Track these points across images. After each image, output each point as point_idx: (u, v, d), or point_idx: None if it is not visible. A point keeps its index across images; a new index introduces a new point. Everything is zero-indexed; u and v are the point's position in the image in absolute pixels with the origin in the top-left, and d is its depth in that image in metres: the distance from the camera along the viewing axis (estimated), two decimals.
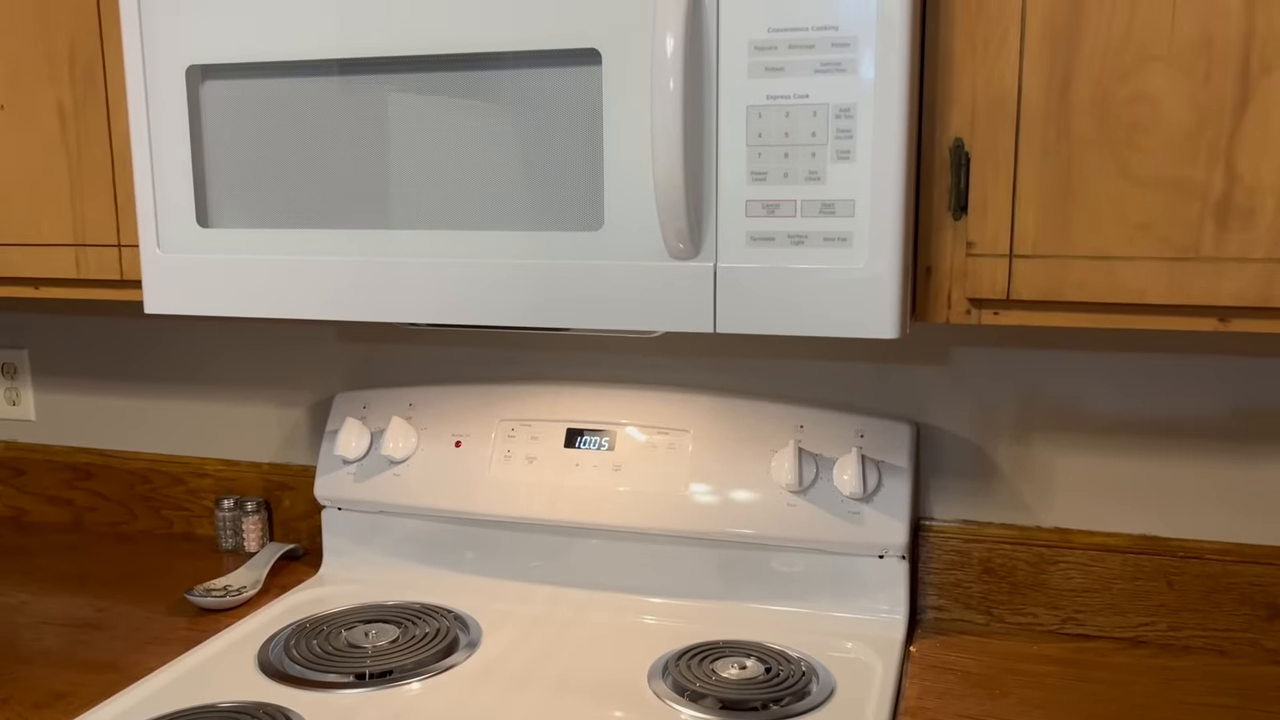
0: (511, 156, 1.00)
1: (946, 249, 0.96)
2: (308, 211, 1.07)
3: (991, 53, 0.91)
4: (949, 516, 1.30)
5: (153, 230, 1.11)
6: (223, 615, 1.33)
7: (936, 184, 0.95)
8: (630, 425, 1.33)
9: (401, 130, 1.02)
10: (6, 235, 1.24)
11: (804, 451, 1.25)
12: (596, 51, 0.95)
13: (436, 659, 1.19)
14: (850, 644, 1.21)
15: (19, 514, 1.72)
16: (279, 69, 1.05)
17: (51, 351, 1.67)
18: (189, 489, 1.61)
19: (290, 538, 1.56)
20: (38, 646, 1.25)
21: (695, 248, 0.95)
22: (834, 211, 0.91)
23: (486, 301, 1.02)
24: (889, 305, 0.91)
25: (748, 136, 0.93)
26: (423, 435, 1.39)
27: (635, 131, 0.95)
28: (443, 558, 1.41)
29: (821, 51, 0.90)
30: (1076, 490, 1.25)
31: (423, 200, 1.03)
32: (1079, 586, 1.25)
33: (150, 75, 1.08)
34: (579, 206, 0.99)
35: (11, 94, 1.21)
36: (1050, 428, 1.25)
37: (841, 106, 0.90)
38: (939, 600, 1.30)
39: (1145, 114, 0.88)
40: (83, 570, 1.49)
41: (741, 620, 1.27)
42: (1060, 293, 0.92)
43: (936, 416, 1.29)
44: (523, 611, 1.31)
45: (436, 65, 1.01)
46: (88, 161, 1.20)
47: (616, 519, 1.30)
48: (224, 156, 1.09)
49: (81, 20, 1.17)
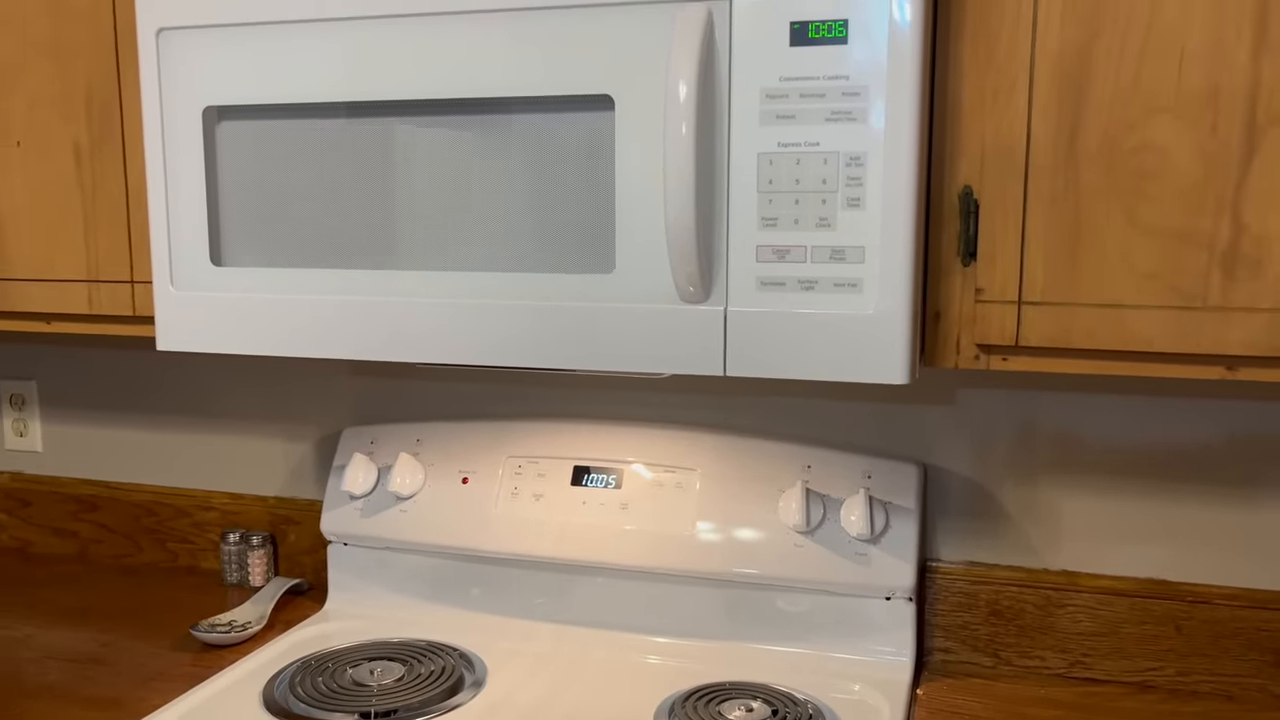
0: (524, 199, 1.01)
1: (955, 295, 0.96)
2: (321, 251, 1.08)
3: (1000, 103, 0.92)
4: (956, 558, 1.30)
5: (166, 268, 1.12)
6: (227, 651, 1.33)
7: (945, 230, 0.96)
8: (637, 463, 1.33)
9: (414, 172, 1.04)
10: (21, 270, 1.25)
11: (811, 492, 1.25)
12: (609, 97, 0.96)
13: (442, 698, 1.18)
14: (857, 686, 1.20)
15: (24, 545, 1.72)
16: (294, 110, 1.06)
17: (59, 383, 1.68)
18: (194, 522, 1.61)
19: (295, 572, 1.56)
20: (42, 681, 1.24)
21: (706, 291, 0.96)
22: (844, 258, 0.92)
23: (498, 342, 1.03)
24: (899, 351, 0.92)
25: (759, 183, 0.94)
26: (430, 471, 1.40)
27: (647, 176, 0.96)
28: (448, 594, 1.40)
29: (832, 100, 0.91)
30: (1084, 533, 1.25)
31: (435, 241, 1.04)
32: (1087, 630, 1.24)
33: (168, 116, 1.10)
34: (590, 249, 0.99)
35: (28, 131, 1.22)
36: (1057, 469, 1.25)
37: (852, 154, 0.91)
38: (946, 642, 1.30)
39: (1152, 164, 0.89)
40: (87, 603, 1.49)
41: (747, 661, 1.27)
42: (1068, 340, 0.93)
43: (943, 457, 1.29)
44: (528, 650, 1.31)
45: (450, 109, 1.02)
46: (102, 199, 1.21)
47: (623, 557, 1.30)
48: (238, 196, 1.10)
49: (99, 61, 1.19)
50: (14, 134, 1.23)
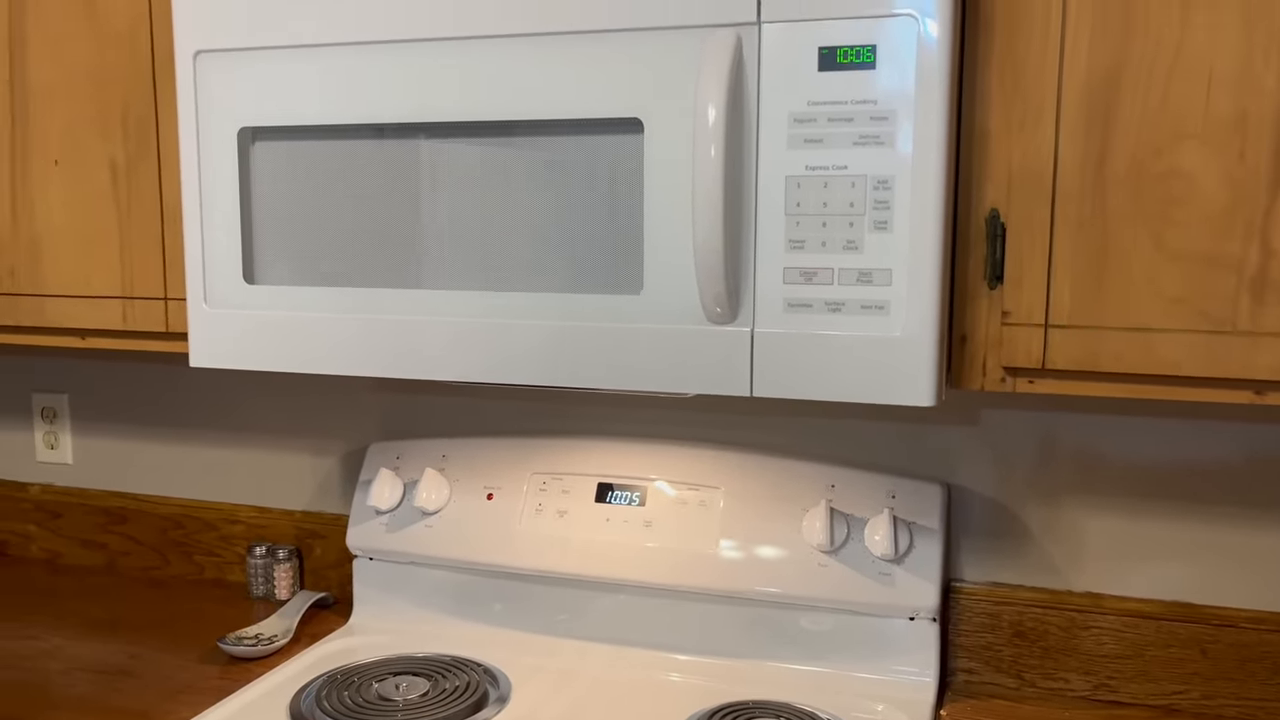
0: (552, 220, 1.02)
1: (982, 317, 0.97)
2: (352, 270, 1.09)
3: (1028, 128, 0.93)
4: (980, 578, 1.30)
5: (200, 285, 1.14)
6: (254, 664, 1.34)
7: (972, 253, 0.97)
8: (661, 481, 1.34)
9: (444, 192, 1.05)
10: (58, 286, 1.27)
11: (835, 511, 1.25)
12: (639, 120, 0.98)
13: (466, 714, 1.19)
14: (880, 706, 1.20)
15: (53, 556, 1.74)
16: (327, 132, 1.08)
17: (90, 397, 1.70)
18: (221, 535, 1.63)
19: (320, 586, 1.58)
20: (71, 693, 1.26)
21: (733, 313, 0.97)
22: (871, 280, 0.93)
23: (526, 362, 1.04)
24: (926, 373, 0.92)
25: (786, 205, 0.94)
26: (455, 487, 1.41)
27: (675, 198, 0.97)
28: (471, 609, 1.41)
29: (860, 125, 0.92)
30: (1108, 554, 1.25)
31: (464, 261, 1.05)
32: (1111, 652, 1.24)
33: (203, 136, 1.12)
34: (618, 270, 1.00)
35: (66, 150, 1.25)
36: (1081, 490, 1.25)
37: (880, 178, 0.92)
38: (969, 663, 1.29)
39: (1180, 189, 0.90)
40: (115, 615, 1.51)
41: (770, 680, 1.27)
42: (1095, 363, 0.93)
43: (967, 478, 1.30)
44: (551, 666, 1.32)
45: (480, 131, 1.03)
46: (137, 217, 1.23)
47: (646, 575, 1.31)
48: (271, 215, 1.11)
49: (137, 82, 1.21)
50: (52, 153, 1.25)
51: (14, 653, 1.37)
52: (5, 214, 1.28)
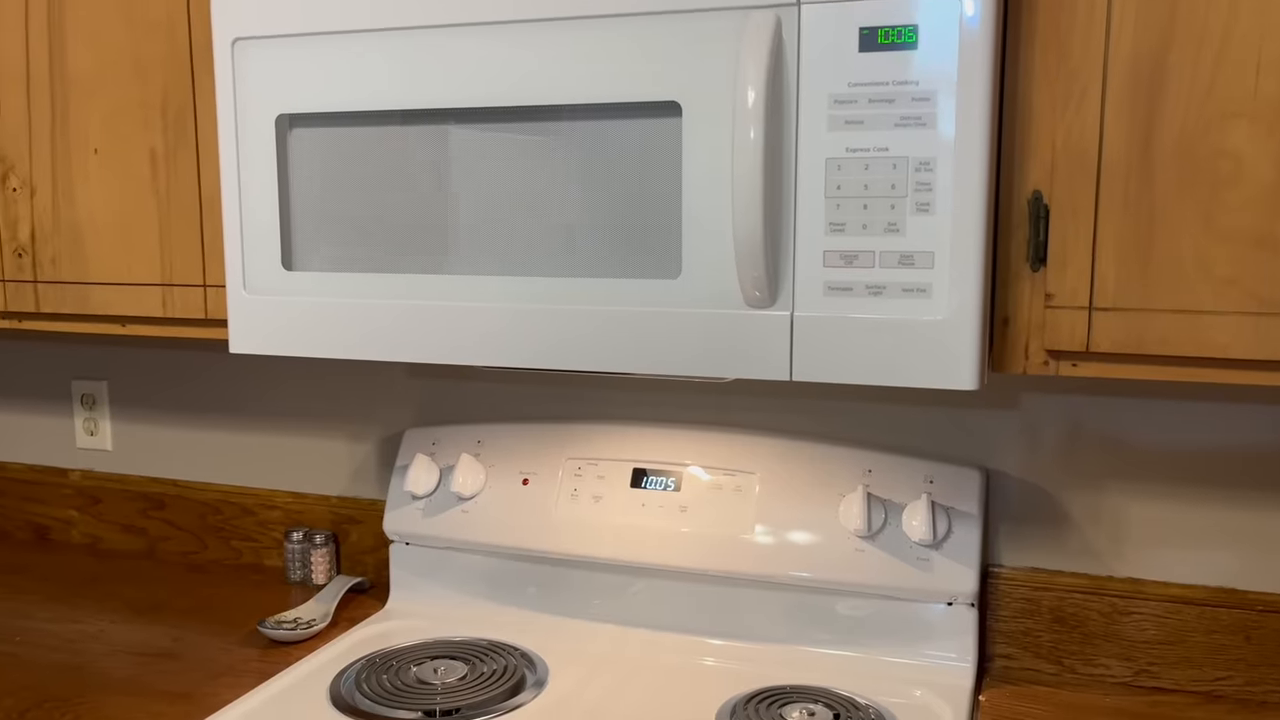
0: (590, 205, 1.02)
1: (1024, 300, 0.96)
2: (390, 256, 1.09)
3: (1073, 107, 0.91)
4: (1018, 564, 1.29)
5: (240, 272, 1.15)
6: (293, 648, 1.35)
7: (1014, 235, 0.96)
8: (696, 466, 1.34)
9: (481, 178, 1.05)
10: (99, 274, 1.29)
11: (873, 496, 1.25)
12: (677, 104, 0.97)
13: (504, 697, 1.20)
14: (918, 691, 1.20)
15: (95, 541, 1.76)
16: (365, 118, 1.08)
17: (129, 383, 1.72)
18: (259, 520, 1.65)
19: (357, 570, 1.59)
20: (117, 675, 1.28)
21: (772, 296, 0.97)
22: (913, 263, 0.92)
23: (564, 347, 1.04)
24: (968, 357, 0.91)
25: (826, 188, 0.94)
26: (491, 472, 1.41)
27: (713, 182, 0.97)
28: (507, 594, 1.42)
29: (901, 106, 0.91)
30: (1150, 540, 1.24)
31: (501, 246, 1.05)
32: (1153, 638, 1.23)
33: (241, 123, 1.12)
34: (656, 255, 1.00)
35: (106, 139, 1.26)
36: (1123, 475, 1.24)
37: (921, 160, 0.91)
38: (1008, 649, 1.29)
39: (1229, 169, 0.88)
40: (157, 599, 1.53)
41: (806, 665, 1.27)
42: (1141, 346, 0.92)
43: (1006, 462, 1.28)
44: (587, 650, 1.32)
45: (517, 116, 1.03)
46: (176, 205, 1.24)
47: (681, 560, 1.31)
48: (309, 202, 1.12)
49: (175, 70, 1.21)
50: (92, 142, 1.26)
51: (61, 636, 1.39)
52: (46, 203, 1.29)
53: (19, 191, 1.30)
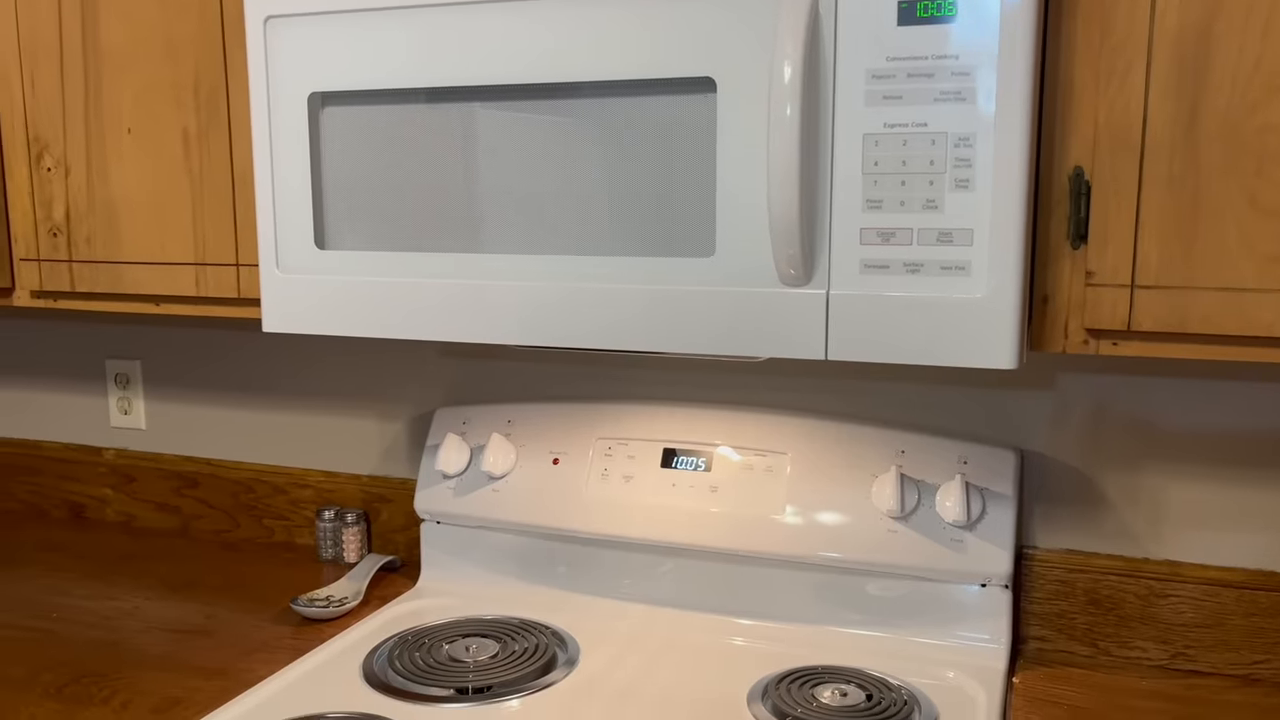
0: (622, 183, 1.01)
1: (1064, 278, 0.94)
2: (422, 235, 1.09)
3: (1115, 83, 0.90)
4: (1053, 545, 1.28)
5: (272, 251, 1.15)
6: (326, 625, 1.36)
7: (1054, 212, 0.94)
8: (727, 446, 1.33)
9: (513, 156, 1.04)
10: (133, 253, 1.29)
11: (906, 477, 1.24)
12: (711, 80, 0.96)
13: (536, 675, 1.20)
14: (951, 673, 1.19)
15: (129, 520, 1.78)
16: (396, 96, 1.08)
17: (161, 363, 1.73)
18: (291, 499, 1.66)
19: (388, 549, 1.60)
20: (153, 651, 1.29)
21: (807, 275, 0.96)
22: (952, 240, 0.91)
23: (598, 326, 1.03)
24: (1008, 335, 0.90)
25: (864, 164, 0.93)
26: (521, 452, 1.41)
27: (748, 159, 0.96)
28: (538, 573, 1.42)
29: (941, 80, 0.89)
30: (1188, 521, 1.22)
31: (533, 226, 1.05)
32: (1190, 621, 1.22)
33: (274, 102, 1.12)
34: (690, 233, 0.99)
35: (139, 119, 1.26)
36: (1161, 456, 1.23)
37: (961, 135, 0.89)
38: (1042, 630, 1.28)
39: (1276, 145, 0.86)
40: (190, 576, 1.54)
41: (837, 646, 1.27)
42: (1184, 325, 0.90)
43: (1041, 443, 1.27)
44: (618, 629, 1.32)
45: (550, 93, 1.02)
46: (209, 184, 1.25)
47: (712, 540, 1.31)
48: (342, 181, 1.12)
49: (207, 50, 1.21)
50: (125, 121, 1.27)
51: (97, 612, 1.41)
52: (81, 182, 1.30)
53: (53, 171, 1.31)
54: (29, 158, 1.32)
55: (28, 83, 1.31)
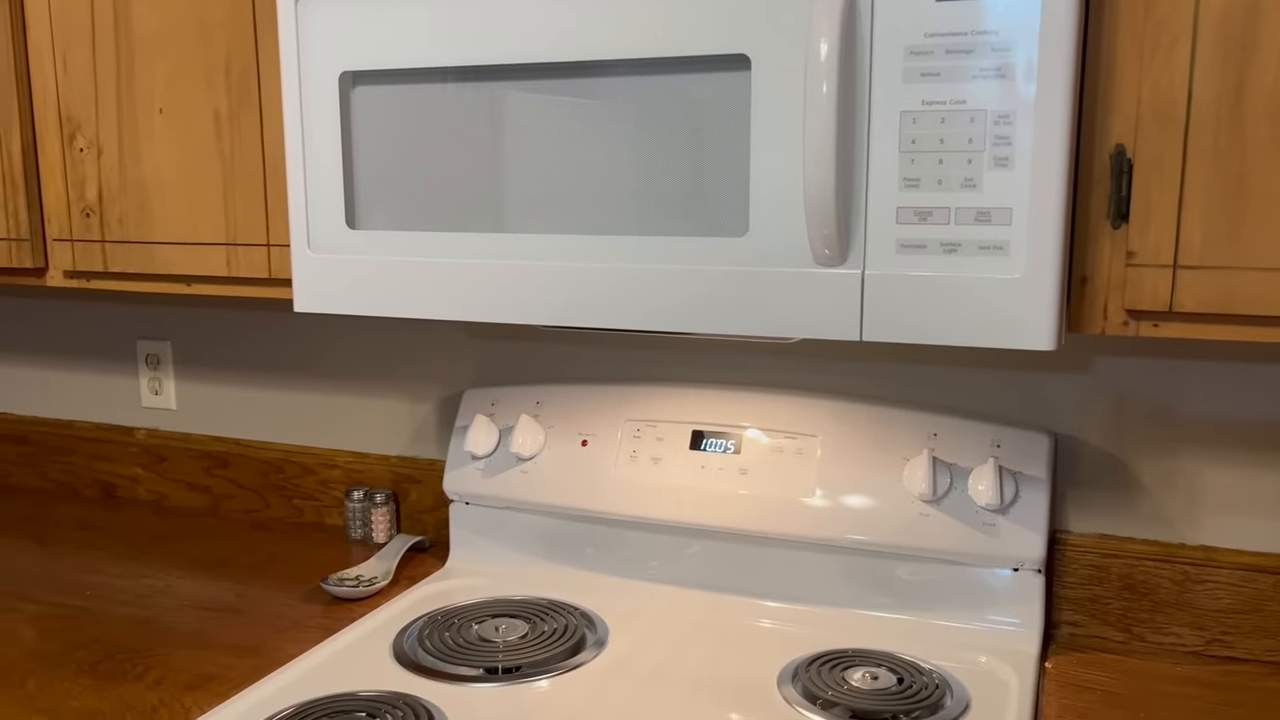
0: (653, 162, 1.00)
1: (1104, 258, 0.93)
2: (453, 215, 1.09)
3: (1160, 58, 0.88)
4: (1087, 530, 1.27)
5: (304, 231, 1.15)
6: (356, 604, 1.37)
7: (1094, 191, 0.93)
8: (756, 429, 1.33)
9: (545, 135, 1.04)
10: (164, 234, 1.30)
11: (938, 460, 1.23)
12: (746, 57, 0.95)
13: (565, 656, 1.20)
14: (983, 658, 1.19)
15: (160, 499, 1.80)
16: (427, 75, 1.07)
17: (192, 343, 1.74)
18: (320, 479, 1.66)
19: (416, 529, 1.60)
20: (186, 629, 1.30)
21: (842, 254, 0.95)
22: (990, 219, 0.90)
23: (629, 306, 1.03)
24: (1046, 316, 0.89)
25: (900, 142, 0.91)
26: (550, 433, 1.41)
27: (783, 137, 0.95)
28: (565, 554, 1.42)
29: (980, 57, 0.88)
30: (1224, 506, 1.21)
31: (565, 206, 1.04)
32: (1227, 607, 1.20)
33: (305, 82, 1.12)
34: (722, 212, 0.99)
35: (171, 100, 1.26)
36: (1198, 440, 1.21)
37: (1000, 113, 0.88)
38: (1074, 615, 1.27)
39: None
40: (221, 555, 1.55)
41: (867, 629, 1.26)
42: (1229, 305, 0.89)
43: (1075, 426, 1.26)
44: (647, 611, 1.32)
45: (581, 71, 1.02)
46: (240, 165, 1.25)
47: (741, 523, 1.30)
48: (372, 160, 1.11)
49: (238, 30, 1.21)
50: (157, 102, 1.27)
51: (131, 590, 1.42)
52: (113, 163, 1.31)
53: (86, 151, 1.32)
54: (62, 138, 1.33)
55: (60, 63, 1.31)
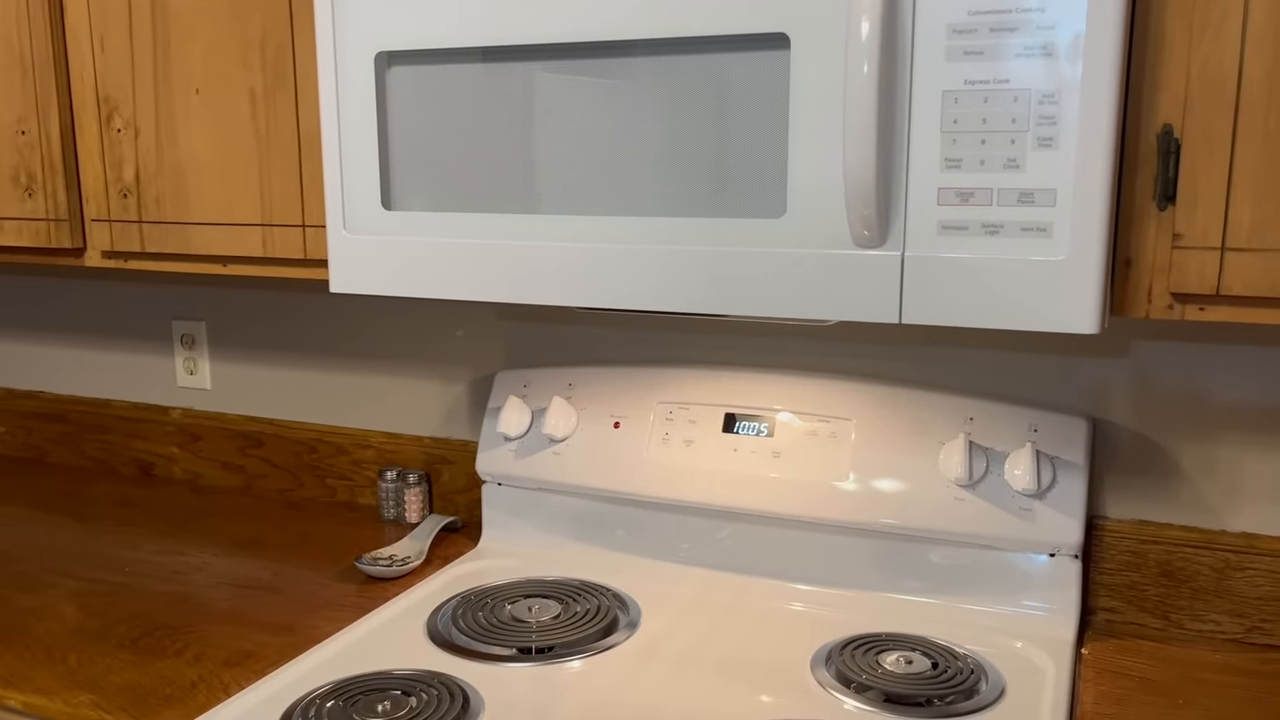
0: (692, 143, 0.99)
1: (1149, 240, 0.91)
2: (489, 196, 1.09)
3: (1209, 35, 0.86)
4: (1125, 515, 1.25)
5: (339, 211, 1.15)
6: (389, 584, 1.38)
7: (1140, 172, 0.91)
8: (790, 412, 1.32)
9: (579, 116, 1.03)
10: (201, 214, 1.30)
11: (974, 444, 1.22)
12: (785, 36, 0.94)
13: (598, 637, 1.20)
14: (1019, 643, 1.18)
15: (195, 478, 1.82)
16: (463, 55, 1.07)
17: (227, 324, 1.75)
18: (353, 460, 1.67)
19: (449, 510, 1.61)
20: (222, 606, 1.31)
21: (882, 236, 0.94)
22: (1033, 200, 0.88)
23: (668, 288, 1.02)
24: (1090, 299, 0.88)
25: (942, 122, 0.90)
26: (582, 415, 1.41)
27: (823, 117, 0.94)
28: (597, 536, 1.43)
29: (1025, 35, 0.87)
30: (1266, 494, 1.19)
31: (601, 186, 1.04)
32: (1267, 595, 1.19)
33: (340, 61, 1.12)
34: (760, 193, 0.98)
35: (207, 80, 1.27)
36: (1239, 426, 1.19)
37: (1045, 92, 0.87)
38: (1111, 602, 1.25)
39: None
40: (256, 534, 1.57)
41: (900, 614, 1.25)
42: (1278, 289, 0.87)
43: (1114, 411, 1.24)
44: (679, 593, 1.32)
45: (617, 51, 1.01)
46: (276, 145, 1.25)
47: (773, 506, 1.30)
48: (408, 141, 1.11)
49: (273, 9, 1.21)
50: (193, 82, 1.27)
51: (168, 568, 1.44)
52: (150, 143, 1.31)
53: (123, 132, 1.32)
54: (99, 119, 1.33)
55: (98, 45, 1.32)
